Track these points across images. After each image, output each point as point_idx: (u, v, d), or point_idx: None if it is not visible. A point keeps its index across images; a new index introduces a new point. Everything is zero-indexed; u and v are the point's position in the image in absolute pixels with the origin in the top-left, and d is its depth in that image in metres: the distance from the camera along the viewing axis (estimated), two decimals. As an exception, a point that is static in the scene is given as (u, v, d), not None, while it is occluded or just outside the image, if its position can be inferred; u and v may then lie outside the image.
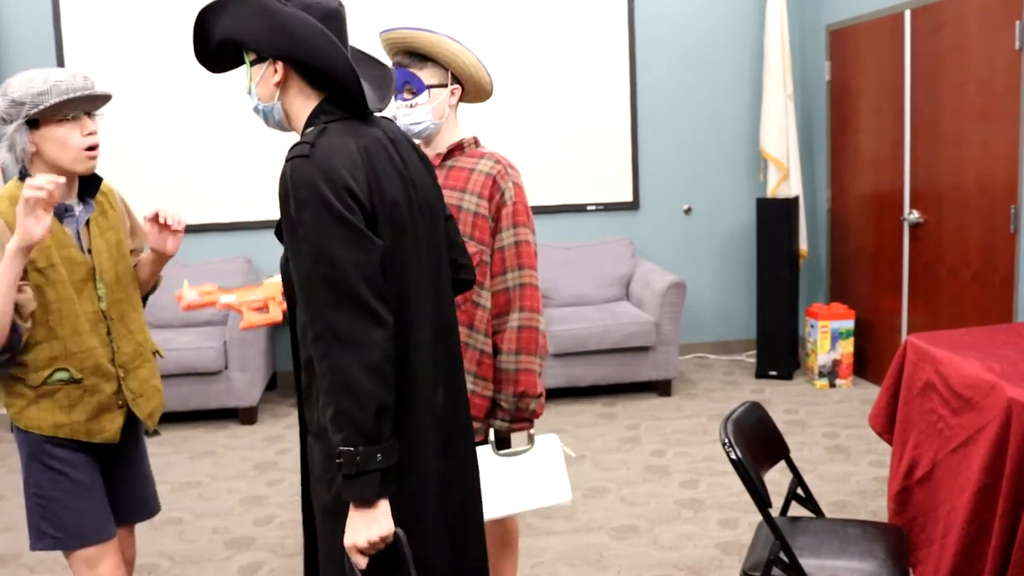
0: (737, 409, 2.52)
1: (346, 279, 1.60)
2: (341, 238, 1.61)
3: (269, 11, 1.73)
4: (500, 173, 2.35)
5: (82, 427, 2.20)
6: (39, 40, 5.50)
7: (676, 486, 4.02)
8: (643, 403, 5.26)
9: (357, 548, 1.65)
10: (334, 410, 1.60)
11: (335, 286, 1.60)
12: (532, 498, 2.44)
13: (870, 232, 5.43)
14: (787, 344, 5.58)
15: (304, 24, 1.72)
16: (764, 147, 5.73)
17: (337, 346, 1.59)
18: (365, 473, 1.61)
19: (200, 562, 3.46)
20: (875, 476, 4.03)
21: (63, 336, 2.15)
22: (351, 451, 1.59)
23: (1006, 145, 4.21)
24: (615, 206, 6.03)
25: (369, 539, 1.64)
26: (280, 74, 1.77)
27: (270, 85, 1.79)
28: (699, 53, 6.02)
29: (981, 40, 4.33)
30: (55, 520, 2.19)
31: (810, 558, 2.36)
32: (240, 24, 1.77)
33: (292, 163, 1.65)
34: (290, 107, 1.81)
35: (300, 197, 1.62)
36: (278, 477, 4.30)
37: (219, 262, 5.59)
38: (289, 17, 1.72)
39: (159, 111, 5.61)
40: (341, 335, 1.59)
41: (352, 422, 1.59)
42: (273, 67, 1.77)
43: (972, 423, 2.61)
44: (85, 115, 2.18)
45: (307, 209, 1.61)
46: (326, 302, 1.60)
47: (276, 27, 1.73)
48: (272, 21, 1.73)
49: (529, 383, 2.34)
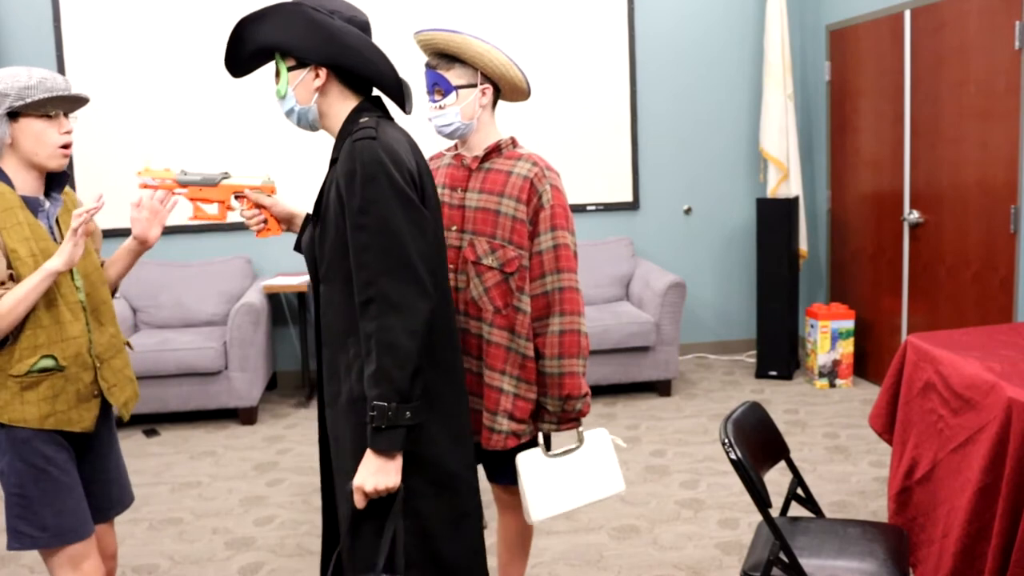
0: (737, 409, 2.52)
1: (404, 251, 1.79)
2: (403, 214, 1.81)
3: (321, 24, 1.90)
4: (537, 176, 2.34)
5: (65, 416, 2.23)
6: (39, 40, 5.51)
7: (676, 486, 4.02)
8: (643, 403, 5.26)
9: (363, 491, 1.82)
10: (376, 367, 1.77)
11: (394, 256, 1.79)
12: (588, 492, 2.50)
13: (870, 232, 5.43)
14: (787, 344, 5.58)
15: (356, 36, 1.92)
16: (764, 147, 5.73)
17: (388, 310, 1.77)
18: (394, 427, 1.78)
19: (200, 562, 3.46)
20: (875, 476, 4.03)
21: (47, 324, 2.19)
22: (384, 406, 1.77)
23: (1006, 145, 4.21)
24: (615, 206, 6.04)
25: (376, 487, 1.82)
26: (322, 79, 1.95)
27: (310, 89, 1.97)
28: (699, 53, 6.02)
29: (981, 40, 4.33)
30: (35, 519, 2.20)
31: (810, 558, 2.36)
32: (286, 34, 1.93)
33: (362, 143, 1.83)
34: (327, 108, 1.99)
35: (369, 173, 1.81)
36: (278, 477, 4.30)
37: (219, 262, 5.59)
38: (340, 30, 1.90)
39: (159, 111, 5.61)
40: (391, 300, 1.78)
41: (390, 379, 1.77)
42: (315, 72, 1.95)
43: (972, 423, 2.61)
44: (63, 114, 2.28)
45: (374, 185, 1.80)
46: (382, 269, 1.78)
47: (326, 37, 1.90)
48: (324, 32, 1.90)
49: (573, 385, 2.37)
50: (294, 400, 5.58)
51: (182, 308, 5.43)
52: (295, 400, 5.57)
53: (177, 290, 5.46)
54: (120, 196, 5.63)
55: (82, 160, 5.58)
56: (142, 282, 5.47)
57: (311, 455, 4.59)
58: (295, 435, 4.92)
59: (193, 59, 5.59)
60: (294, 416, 5.26)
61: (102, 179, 5.61)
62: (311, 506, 3.96)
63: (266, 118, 5.67)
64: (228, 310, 5.44)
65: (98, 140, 5.58)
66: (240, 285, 5.55)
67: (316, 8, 1.91)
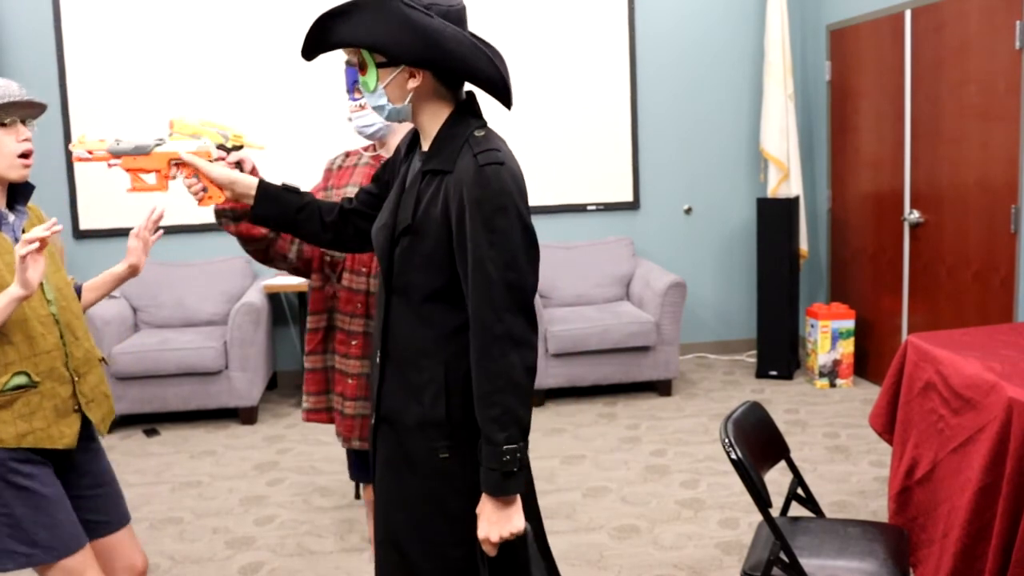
0: (737, 409, 2.52)
1: (526, 288, 1.74)
2: (526, 249, 1.75)
3: (417, 24, 1.74)
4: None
5: (44, 433, 2.17)
6: (39, 40, 5.51)
7: (676, 486, 4.02)
8: (643, 403, 5.26)
9: (491, 541, 1.75)
10: (502, 410, 1.70)
11: (519, 293, 1.72)
12: None
13: (870, 232, 5.43)
14: (787, 344, 5.58)
15: (455, 39, 1.76)
16: (764, 147, 5.73)
17: (512, 348, 1.71)
18: (522, 469, 1.72)
19: (200, 562, 3.46)
20: (875, 476, 4.03)
21: (17, 341, 2.13)
22: (515, 448, 1.71)
23: (1007, 145, 4.21)
24: (615, 206, 6.03)
25: (502, 534, 1.74)
26: (419, 80, 1.80)
27: (404, 88, 1.82)
28: (699, 53, 6.02)
29: (982, 40, 4.33)
30: (25, 537, 2.13)
31: (810, 558, 2.36)
32: (379, 34, 1.76)
33: (492, 168, 1.74)
34: (423, 109, 1.85)
35: (500, 204, 1.72)
36: (278, 477, 4.30)
37: (219, 262, 5.59)
38: (438, 31, 1.74)
39: (159, 111, 5.61)
40: (515, 337, 1.72)
41: (517, 420, 1.71)
42: (409, 72, 1.80)
43: (972, 423, 2.61)
44: (20, 122, 2.17)
45: (504, 217, 1.72)
46: (508, 306, 1.71)
47: (426, 40, 1.75)
48: (422, 34, 1.74)
49: None
50: (294, 400, 5.58)
51: (182, 308, 5.43)
52: (295, 400, 5.57)
53: (177, 290, 5.46)
54: (119, 196, 5.63)
55: (82, 160, 5.58)
56: (142, 282, 5.47)
57: (311, 455, 4.59)
58: (295, 435, 4.92)
59: (194, 59, 5.59)
60: (294, 416, 5.26)
61: (101, 179, 5.61)
62: (311, 506, 3.96)
63: (266, 117, 5.67)
64: (228, 310, 5.44)
65: (98, 140, 5.58)
66: (240, 285, 5.55)
67: (411, 4, 1.74)
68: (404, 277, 1.83)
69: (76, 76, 5.53)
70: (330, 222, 2.06)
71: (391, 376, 1.87)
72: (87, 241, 5.65)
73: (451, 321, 1.81)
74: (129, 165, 2.06)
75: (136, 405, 5.02)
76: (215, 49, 5.60)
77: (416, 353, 1.83)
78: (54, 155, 5.58)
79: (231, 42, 5.60)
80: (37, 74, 5.52)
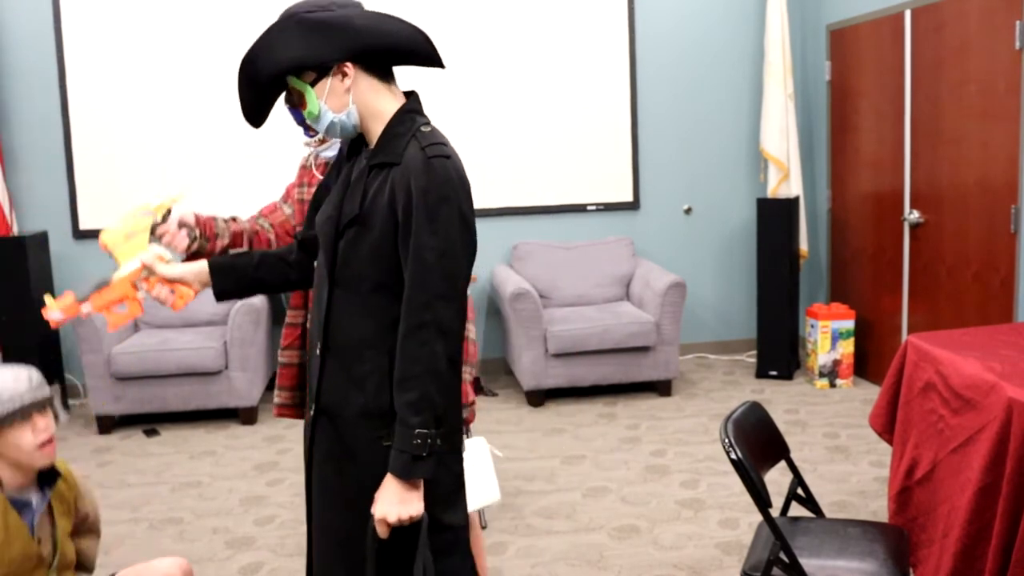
0: (737, 409, 2.52)
1: (460, 278, 1.78)
2: (464, 242, 1.78)
3: (324, 22, 1.79)
4: None
5: None
6: (39, 40, 5.51)
7: (676, 486, 4.02)
8: (643, 403, 5.26)
9: (387, 522, 1.77)
10: (419, 395, 1.73)
11: (452, 282, 1.76)
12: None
13: (870, 232, 5.43)
14: (787, 344, 5.58)
15: (362, 17, 1.80)
16: (764, 147, 5.73)
17: (438, 336, 1.74)
18: (431, 455, 1.75)
19: (200, 562, 3.46)
20: (875, 476, 4.03)
21: None
22: (426, 433, 1.74)
23: (1007, 145, 4.21)
24: (615, 206, 6.03)
25: (400, 516, 1.76)
26: (351, 75, 1.83)
27: (341, 93, 1.84)
28: (699, 53, 6.02)
29: (981, 40, 4.33)
30: None
31: (810, 558, 2.36)
32: (293, 49, 1.80)
33: (439, 161, 1.77)
34: (366, 106, 1.87)
35: (443, 194, 1.76)
36: (278, 477, 4.30)
37: (219, 262, 5.58)
38: (346, 18, 1.80)
39: (159, 111, 5.61)
40: (443, 326, 1.74)
41: (433, 407, 1.74)
42: (340, 73, 1.83)
43: (972, 423, 2.61)
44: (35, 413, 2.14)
45: (446, 207, 1.76)
46: (441, 293, 1.75)
47: (339, 31, 1.79)
48: (333, 28, 1.79)
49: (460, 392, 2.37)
50: (294, 400, 5.57)
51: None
52: (295, 400, 5.57)
53: (177, 290, 5.45)
54: (119, 196, 5.63)
55: (83, 160, 5.58)
56: (142, 282, 5.46)
57: (311, 455, 4.59)
58: (295, 435, 4.92)
59: (194, 58, 5.59)
60: (294, 416, 5.25)
61: (102, 180, 5.61)
62: (311, 506, 3.96)
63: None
64: (228, 310, 5.44)
65: (98, 140, 5.58)
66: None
67: (309, 11, 1.80)
68: (349, 269, 1.85)
69: (76, 76, 5.53)
70: (295, 261, 2.07)
71: (332, 368, 1.88)
72: (87, 241, 5.65)
73: (395, 311, 1.82)
74: (99, 304, 2.03)
75: (136, 405, 5.02)
76: (215, 49, 5.60)
77: (359, 344, 1.85)
78: (54, 155, 5.58)
79: (231, 42, 5.60)
80: (37, 74, 5.52)
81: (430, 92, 5.77)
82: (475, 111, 5.82)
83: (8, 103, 5.53)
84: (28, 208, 5.61)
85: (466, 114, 5.81)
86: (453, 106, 5.80)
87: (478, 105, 5.82)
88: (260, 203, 5.71)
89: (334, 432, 1.89)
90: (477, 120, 5.83)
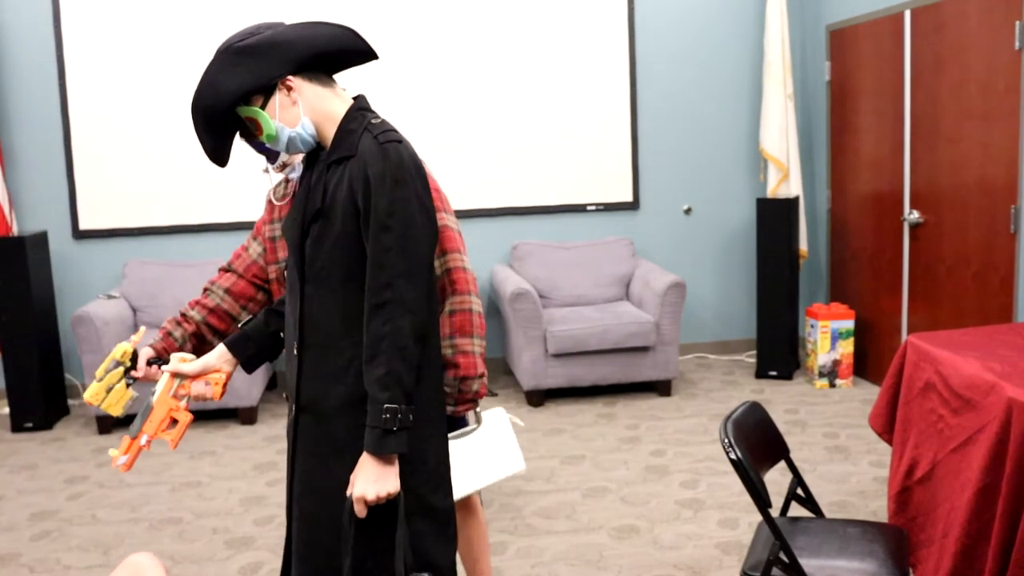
0: (737, 409, 2.52)
1: (422, 255, 1.82)
2: (423, 219, 1.83)
3: (252, 46, 1.87)
4: None
5: None
6: (39, 40, 5.51)
7: (676, 486, 4.02)
8: (643, 403, 5.26)
9: (365, 500, 1.79)
10: (386, 371, 1.77)
11: (413, 259, 1.80)
12: (488, 474, 2.52)
13: (870, 232, 5.43)
14: (787, 344, 5.58)
15: (286, 31, 1.88)
16: (764, 147, 5.73)
17: (401, 312, 1.78)
18: (402, 430, 1.78)
19: (200, 562, 3.46)
20: (875, 476, 4.03)
21: None
22: (396, 408, 1.77)
23: (1006, 145, 4.21)
24: (615, 206, 6.03)
25: (379, 493, 1.79)
26: (295, 87, 1.89)
27: (290, 107, 1.90)
28: (699, 53, 6.02)
29: (981, 40, 4.33)
30: None
31: (810, 558, 2.36)
32: (236, 78, 1.86)
33: (391, 146, 1.84)
34: (316, 113, 1.92)
35: (398, 177, 1.82)
36: (278, 477, 4.30)
37: (218, 263, 5.59)
38: (273, 35, 1.87)
39: (159, 111, 5.61)
40: (407, 302, 1.79)
41: (400, 382, 1.77)
42: (284, 88, 1.89)
43: (972, 423, 2.61)
44: None
45: (402, 188, 1.82)
46: (401, 272, 1.79)
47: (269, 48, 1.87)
48: (262, 48, 1.86)
49: (468, 365, 2.39)
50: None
51: (182, 307, 5.42)
52: (295, 400, 5.57)
53: (177, 290, 5.45)
54: (118, 196, 5.63)
55: (83, 160, 5.58)
56: (142, 282, 5.47)
57: (311, 455, 4.59)
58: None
59: (194, 58, 5.59)
60: (294, 416, 5.25)
61: (102, 180, 5.61)
62: (311, 506, 3.95)
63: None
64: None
65: (98, 140, 5.58)
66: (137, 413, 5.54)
67: (239, 40, 1.88)
68: (318, 263, 1.89)
69: (76, 76, 5.53)
70: None
71: (311, 364, 1.91)
72: (87, 241, 5.65)
73: None
74: (152, 431, 2.13)
75: (136, 405, 5.01)
76: (215, 49, 5.60)
77: (336, 336, 1.88)
78: (54, 155, 5.58)
79: (231, 42, 5.60)
80: (37, 74, 5.52)
81: (431, 93, 5.77)
82: (475, 111, 5.82)
83: (8, 103, 5.53)
84: (28, 208, 5.61)
85: (466, 114, 5.81)
86: (453, 106, 5.80)
87: (478, 105, 5.82)
88: (256, 204, 5.72)
89: (317, 428, 1.91)
90: (477, 120, 5.83)
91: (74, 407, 5.57)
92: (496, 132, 5.86)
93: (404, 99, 5.74)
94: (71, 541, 3.69)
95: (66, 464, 4.59)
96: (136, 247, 5.69)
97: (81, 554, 3.57)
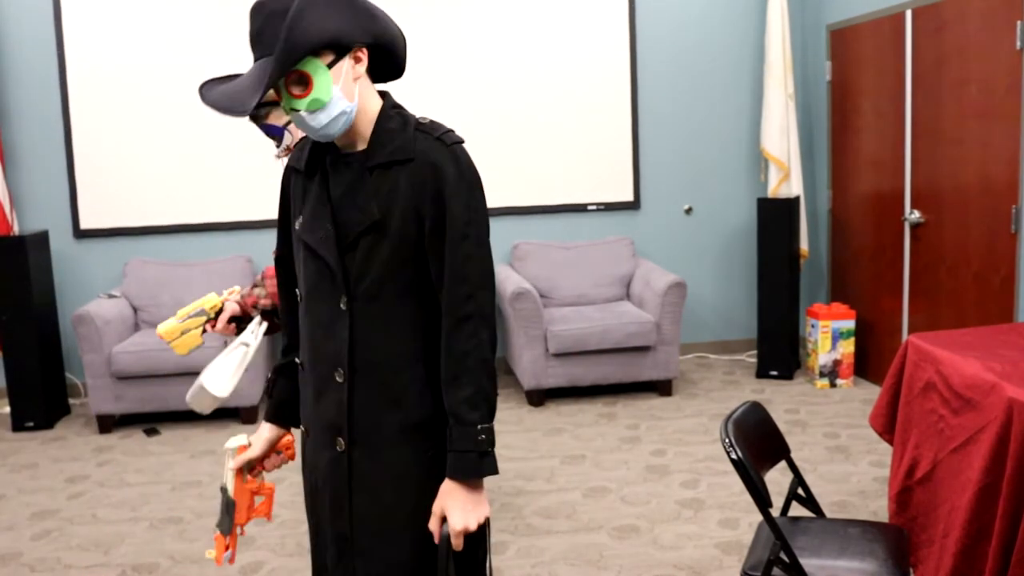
0: (738, 409, 2.52)
1: (491, 264, 1.71)
2: (488, 227, 1.72)
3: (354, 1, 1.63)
4: None
5: None
6: (39, 40, 5.50)
7: (676, 486, 4.02)
8: (643, 403, 5.26)
9: (469, 530, 1.67)
10: (474, 390, 1.66)
11: (488, 269, 1.70)
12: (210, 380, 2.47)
13: (871, 232, 5.43)
14: (788, 344, 5.58)
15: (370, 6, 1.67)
16: (765, 147, 5.73)
17: (483, 325, 1.68)
18: (493, 450, 1.67)
19: (200, 562, 3.46)
20: (875, 476, 4.03)
21: None
22: (487, 427, 1.67)
23: (1007, 145, 4.21)
24: (615, 206, 6.03)
25: (479, 521, 1.68)
26: (364, 61, 1.66)
27: (351, 81, 1.65)
28: (700, 53, 6.02)
29: (982, 40, 4.33)
30: None
31: (810, 558, 2.36)
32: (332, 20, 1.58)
33: (459, 147, 1.70)
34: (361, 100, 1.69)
35: (472, 180, 1.69)
36: (278, 476, 4.30)
37: (220, 261, 5.59)
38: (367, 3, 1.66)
39: (160, 110, 5.61)
40: (486, 315, 1.68)
41: (487, 400, 1.68)
42: (354, 57, 1.65)
43: (973, 423, 2.61)
44: None
45: (478, 194, 1.70)
46: (482, 283, 1.68)
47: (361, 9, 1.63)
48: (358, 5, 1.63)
49: None
50: (294, 399, 5.57)
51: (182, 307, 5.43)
52: (295, 399, 5.57)
53: (177, 289, 5.46)
54: (119, 196, 5.63)
55: (83, 159, 5.58)
56: (142, 282, 5.47)
57: (311, 454, 4.59)
58: (295, 435, 4.91)
59: (194, 58, 5.59)
60: (294, 415, 5.25)
61: (102, 179, 5.61)
62: (311, 505, 3.95)
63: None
64: (228, 309, 5.43)
65: (98, 140, 5.58)
66: (240, 284, 5.55)
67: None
68: (369, 278, 1.70)
69: (76, 76, 5.53)
70: None
71: (364, 391, 1.72)
72: (87, 240, 5.65)
73: (424, 315, 1.72)
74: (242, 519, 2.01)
75: (136, 404, 5.02)
76: (215, 49, 5.60)
77: (397, 357, 1.71)
78: (54, 154, 5.58)
79: (231, 42, 5.60)
80: (37, 74, 5.52)
81: (431, 92, 5.77)
82: (476, 111, 5.82)
83: (8, 102, 5.53)
84: (28, 207, 5.61)
85: (467, 114, 5.81)
86: (454, 106, 5.80)
87: (479, 105, 5.82)
88: (261, 202, 5.72)
89: (370, 461, 1.74)
90: (477, 120, 5.83)
91: (75, 406, 5.57)
92: (497, 132, 5.86)
93: (404, 99, 5.74)
94: (71, 540, 3.69)
95: (67, 463, 4.59)
96: (137, 246, 5.69)
97: (81, 553, 3.57)
